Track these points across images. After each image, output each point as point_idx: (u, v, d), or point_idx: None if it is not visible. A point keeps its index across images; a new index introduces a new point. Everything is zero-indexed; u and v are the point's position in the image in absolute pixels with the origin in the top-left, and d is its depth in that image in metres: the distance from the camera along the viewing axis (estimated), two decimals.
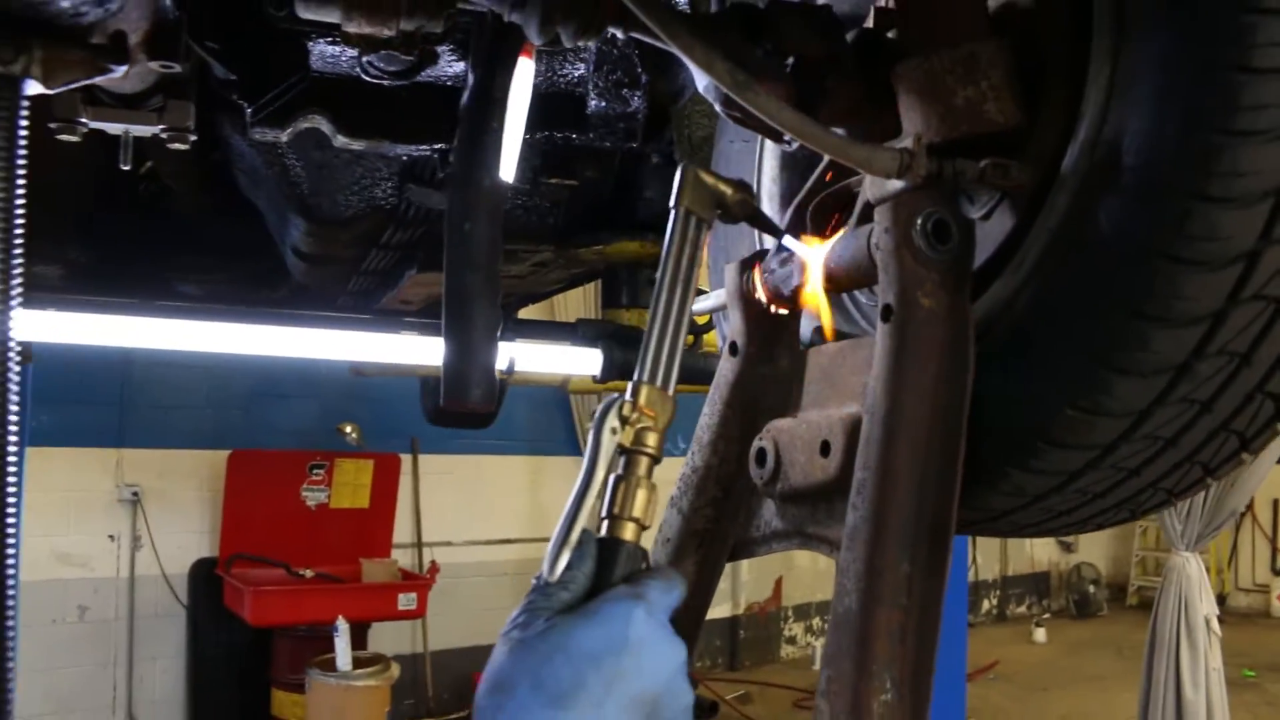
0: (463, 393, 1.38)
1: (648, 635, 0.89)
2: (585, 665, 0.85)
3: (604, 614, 0.89)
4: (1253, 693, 9.95)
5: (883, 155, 1.06)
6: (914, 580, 1.03)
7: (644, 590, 0.92)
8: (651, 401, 1.00)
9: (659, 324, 1.04)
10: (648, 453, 0.99)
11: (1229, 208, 0.90)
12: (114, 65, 1.24)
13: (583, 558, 0.94)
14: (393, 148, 1.87)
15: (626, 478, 0.98)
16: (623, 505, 0.97)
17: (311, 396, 8.34)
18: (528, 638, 0.88)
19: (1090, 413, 0.99)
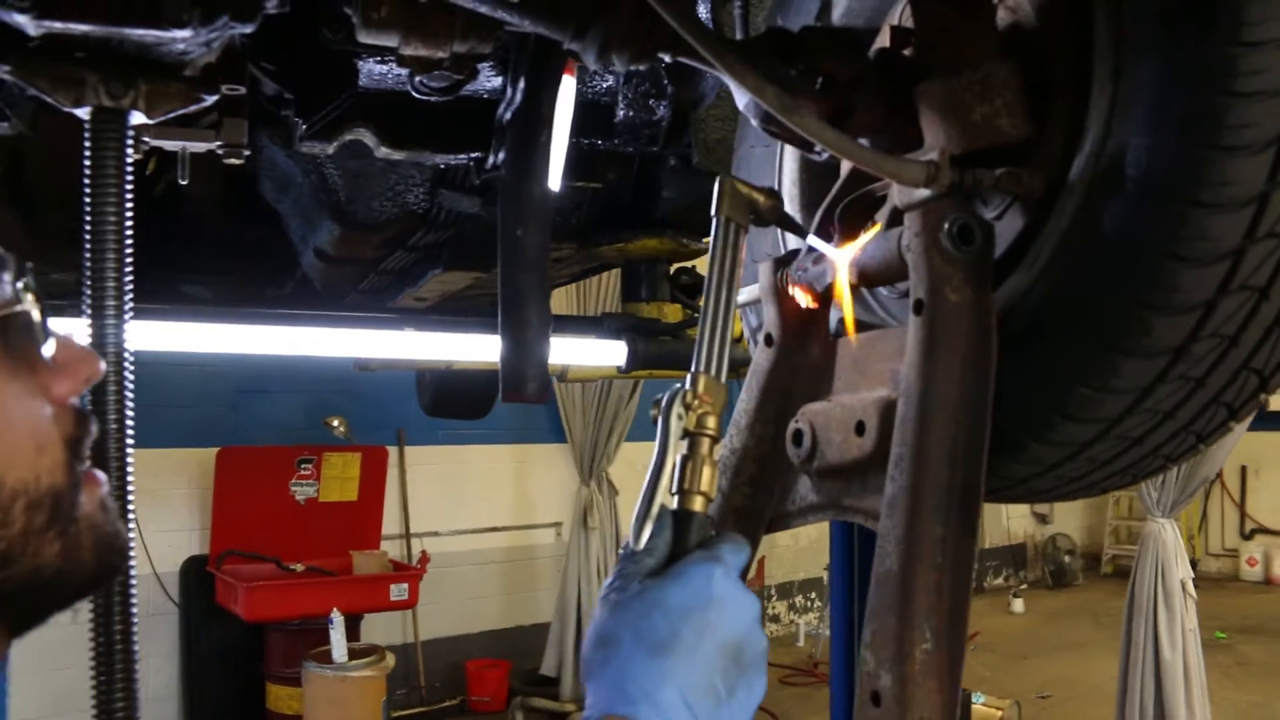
0: (520, 385, 1.51)
1: (727, 591, 1.02)
2: (679, 619, 0.98)
3: (689, 574, 1.02)
4: (1225, 653, 10.24)
5: (912, 167, 1.20)
6: (948, 542, 1.18)
7: (719, 553, 1.05)
8: (709, 389, 1.12)
9: (710, 320, 1.17)
10: (709, 434, 1.11)
11: (1218, 212, 1.05)
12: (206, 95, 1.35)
13: (662, 528, 1.07)
14: (431, 157, 1.98)
15: (692, 457, 1.10)
16: (691, 481, 1.09)
17: (298, 392, 8.38)
18: (626, 599, 1.01)
19: (1100, 390, 1.14)
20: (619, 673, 0.96)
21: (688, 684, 0.95)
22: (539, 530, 9.95)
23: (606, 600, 1.03)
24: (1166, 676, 5.76)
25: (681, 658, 0.96)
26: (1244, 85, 1.03)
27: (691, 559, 1.04)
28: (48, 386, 0.87)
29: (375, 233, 2.33)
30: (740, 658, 1.00)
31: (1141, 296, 1.09)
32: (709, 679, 0.97)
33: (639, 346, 2.77)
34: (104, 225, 1.29)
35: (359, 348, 3.11)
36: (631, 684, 0.95)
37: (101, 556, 0.89)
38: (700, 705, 0.95)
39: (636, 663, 0.96)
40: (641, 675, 0.95)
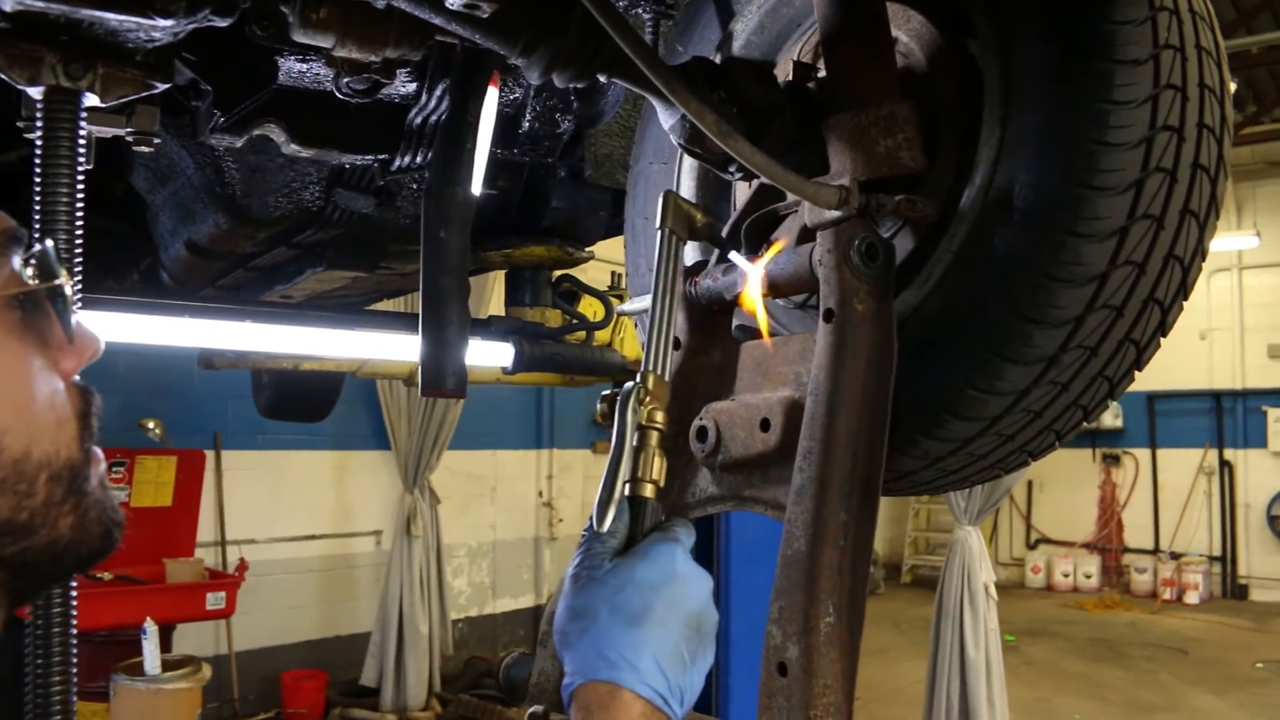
0: (440, 381, 1.58)
1: (688, 568, 1.14)
2: (651, 593, 1.09)
3: (656, 553, 1.13)
4: (1013, 655, 10.92)
5: (827, 191, 1.35)
6: (850, 526, 1.32)
7: (676, 534, 1.17)
8: (657, 386, 1.25)
9: (656, 324, 1.29)
10: (658, 428, 1.23)
11: (1090, 241, 1.23)
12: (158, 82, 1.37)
13: (621, 512, 1.18)
14: (339, 156, 2.02)
15: (644, 448, 1.21)
16: (644, 470, 1.20)
17: (111, 392, 7.97)
18: (599, 575, 1.11)
19: (985, 392, 1.31)
20: (599, 641, 1.06)
21: (661, 651, 1.06)
22: (359, 538, 9.79)
23: (578, 577, 1.12)
24: (971, 674, 6.16)
25: (655, 628, 1.07)
26: (1113, 136, 1.22)
27: (654, 540, 1.16)
28: (58, 361, 0.91)
29: (265, 228, 2.33)
30: (700, 628, 1.12)
31: (1024, 311, 1.27)
32: (677, 647, 1.08)
33: (525, 349, 2.85)
34: (55, 206, 1.30)
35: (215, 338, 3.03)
36: (612, 651, 1.05)
37: (105, 530, 0.94)
38: (672, 671, 1.06)
39: (615, 632, 1.06)
40: (621, 643, 1.05)
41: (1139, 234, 1.26)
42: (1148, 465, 15.86)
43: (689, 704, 1.09)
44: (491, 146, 2.17)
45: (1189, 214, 1.30)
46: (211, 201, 2.25)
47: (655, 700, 1.04)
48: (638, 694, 1.03)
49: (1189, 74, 1.28)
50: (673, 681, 1.06)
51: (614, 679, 1.03)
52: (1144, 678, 10.44)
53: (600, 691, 1.04)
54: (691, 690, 1.09)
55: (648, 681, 1.04)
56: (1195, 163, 1.29)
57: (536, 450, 11.37)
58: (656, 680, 1.04)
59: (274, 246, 2.56)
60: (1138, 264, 1.27)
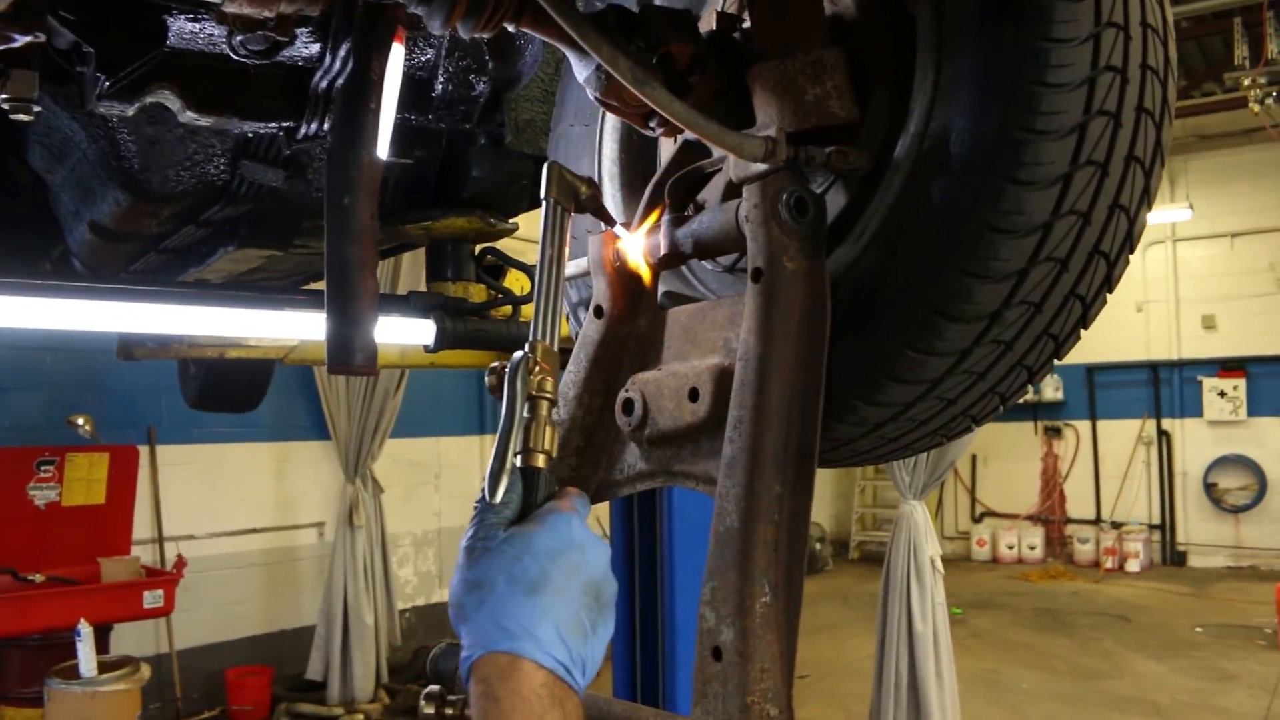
0: (348, 357, 1.47)
1: (585, 536, 1.10)
2: (549, 561, 1.05)
3: (552, 522, 1.09)
4: (960, 628, 11.00)
5: (752, 142, 1.26)
6: (785, 499, 1.24)
7: (570, 503, 1.13)
8: (546, 356, 1.19)
9: (543, 293, 1.24)
10: (548, 397, 1.17)
11: (1031, 189, 1.16)
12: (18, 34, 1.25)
13: (514, 483, 1.13)
14: (239, 124, 1.90)
15: (534, 418, 1.15)
16: (536, 440, 1.15)
17: (36, 388, 7.82)
18: (494, 545, 1.06)
19: (924, 353, 1.23)
20: (497, 612, 1.02)
21: (561, 619, 1.02)
22: (301, 530, 9.64)
23: (472, 549, 1.07)
24: (919, 647, 6.17)
25: (554, 596, 1.03)
26: (1053, 76, 1.15)
27: (549, 509, 1.11)
28: None
29: (168, 205, 2.20)
30: (600, 597, 1.08)
31: (964, 265, 1.19)
32: (577, 615, 1.04)
33: (447, 325, 2.73)
34: None
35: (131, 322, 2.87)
36: (511, 621, 1.01)
37: None
38: (572, 640, 1.02)
39: (513, 602, 1.02)
40: (520, 613, 1.01)
41: (1083, 181, 1.18)
42: (1088, 437, 16.07)
43: (591, 674, 1.06)
44: (404, 112, 2.07)
45: (1134, 160, 1.22)
46: (109, 177, 2.11)
47: (558, 670, 1.01)
48: (539, 664, 1.00)
49: (1131, 12, 1.21)
50: (574, 650, 1.03)
51: (514, 649, 1.00)
52: (1089, 645, 10.57)
53: (500, 663, 1.00)
54: (593, 661, 1.06)
55: (549, 650, 1.01)
56: (1140, 106, 1.22)
57: (480, 436, 11.25)
58: (558, 649, 1.01)
59: (181, 225, 2.42)
60: (1082, 213, 1.20)
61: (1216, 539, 15.06)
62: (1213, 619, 11.56)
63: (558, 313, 1.24)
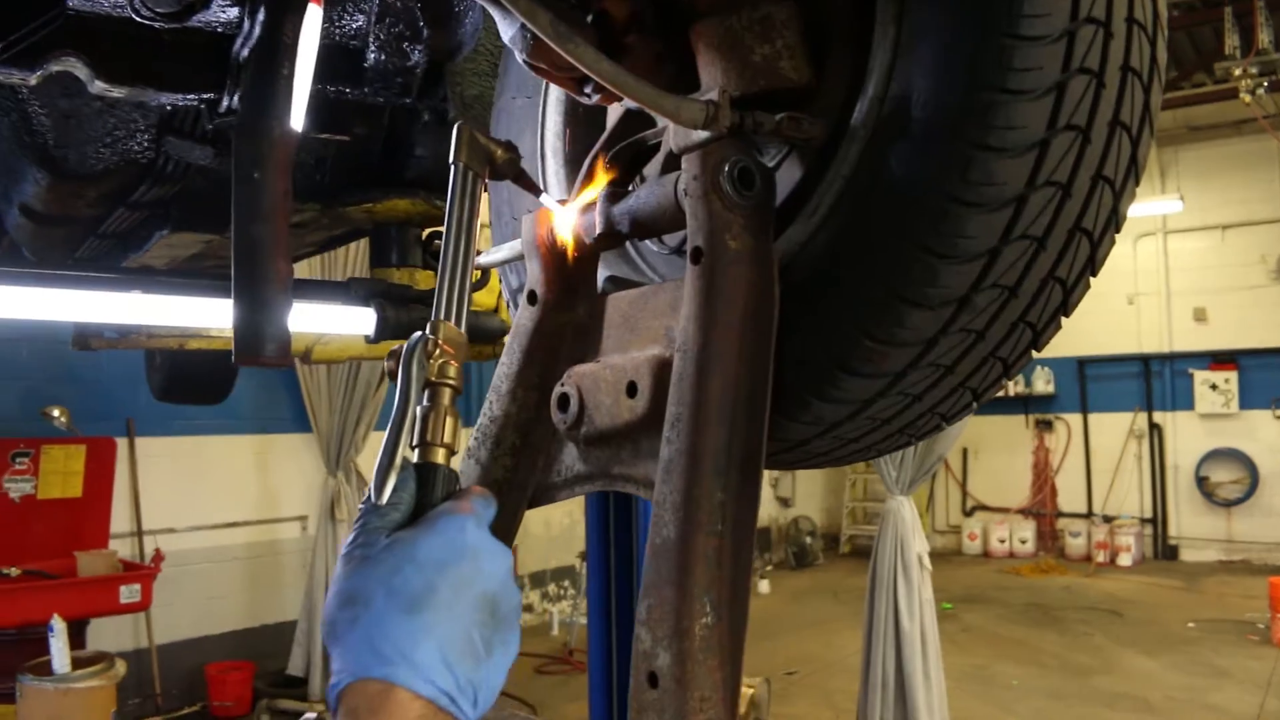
0: (257, 348, 1.33)
1: (481, 542, 0.96)
2: (434, 572, 0.91)
3: (441, 526, 0.95)
4: (950, 623, 10.92)
5: (690, 106, 1.12)
6: (728, 507, 1.10)
7: (468, 504, 0.98)
8: (449, 338, 1.06)
9: (449, 268, 1.11)
10: (450, 384, 1.05)
11: (1003, 156, 1.02)
12: None
13: (406, 481, 0.99)
14: (156, 96, 1.75)
15: (434, 408, 1.03)
16: (434, 433, 1.02)
17: (11, 379, 7.68)
18: (374, 553, 0.92)
19: (885, 343, 1.09)
20: (372, 632, 0.88)
21: (447, 640, 0.89)
22: (283, 524, 9.52)
23: (350, 556, 0.94)
24: (905, 644, 6.04)
25: (439, 612, 0.90)
26: (1028, 28, 1.01)
27: (442, 510, 0.98)
28: None
29: (90, 185, 2.05)
30: (497, 611, 0.94)
31: (928, 244, 1.05)
32: (468, 634, 0.90)
33: (389, 314, 2.58)
34: None
35: (73, 312, 2.72)
36: (386, 643, 0.87)
37: None
38: (460, 664, 0.89)
39: (391, 620, 0.88)
40: (397, 633, 0.88)
41: (1061, 148, 1.04)
42: (1079, 430, 15.97)
43: (487, 701, 0.92)
44: (338, 85, 1.92)
45: (1119, 126, 1.08)
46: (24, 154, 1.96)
47: (439, 700, 0.86)
48: (416, 693, 0.86)
49: None
50: (461, 676, 0.88)
51: (387, 676, 0.86)
52: (1080, 641, 10.47)
53: (370, 691, 0.86)
54: (489, 686, 0.92)
55: (429, 677, 0.86)
56: (1126, 64, 1.07)
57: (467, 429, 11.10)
58: (440, 675, 0.87)
59: (112, 208, 2.28)
60: (1061, 185, 1.06)
61: (1208, 533, 14.97)
62: (1205, 614, 11.46)
63: (465, 290, 1.11)
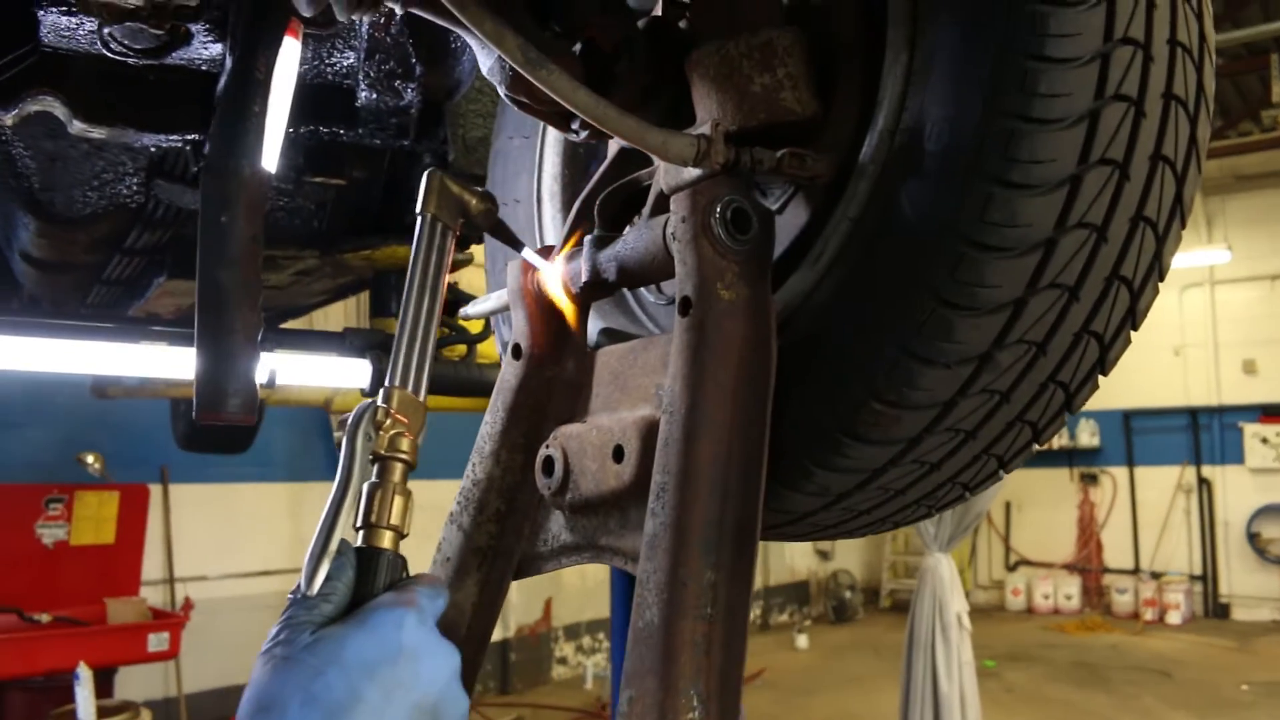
0: (219, 403, 1.24)
1: (421, 641, 0.85)
2: (360, 676, 0.80)
3: (375, 622, 0.84)
4: (993, 681, 10.62)
5: (679, 141, 1.01)
6: (719, 589, 0.98)
7: (412, 596, 0.88)
8: (404, 407, 0.98)
9: (409, 329, 1.03)
10: (402, 459, 0.96)
11: (1028, 194, 0.89)
12: None
13: (342, 568, 0.89)
14: (139, 137, 1.68)
15: (382, 484, 0.94)
16: (379, 513, 0.93)
17: (47, 424, 7.71)
18: (294, 653, 0.81)
19: (895, 406, 0.97)
20: None
21: None
22: None
23: (269, 656, 0.82)
24: (944, 708, 5.82)
25: None
26: (1055, 49, 0.89)
27: (378, 603, 0.87)
28: None
29: (80, 230, 1.98)
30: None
31: (942, 294, 0.92)
32: None
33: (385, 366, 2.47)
34: None
35: (89, 364, 2.66)
36: None
37: None
38: None
39: None
40: None
41: (1096, 185, 0.91)
42: (1125, 484, 15.62)
43: None
44: (332, 126, 1.84)
45: (1162, 161, 0.96)
46: (10, 198, 1.89)
47: None
48: None
49: None
50: None
51: None
52: (1128, 702, 10.12)
53: None
54: None
55: None
56: (1168, 92, 0.95)
57: None
58: None
59: (109, 254, 2.21)
60: (1096, 227, 0.93)
61: (1261, 590, 14.51)
62: (1259, 676, 11.05)
63: (427, 355, 1.02)
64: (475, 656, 1.34)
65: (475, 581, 1.33)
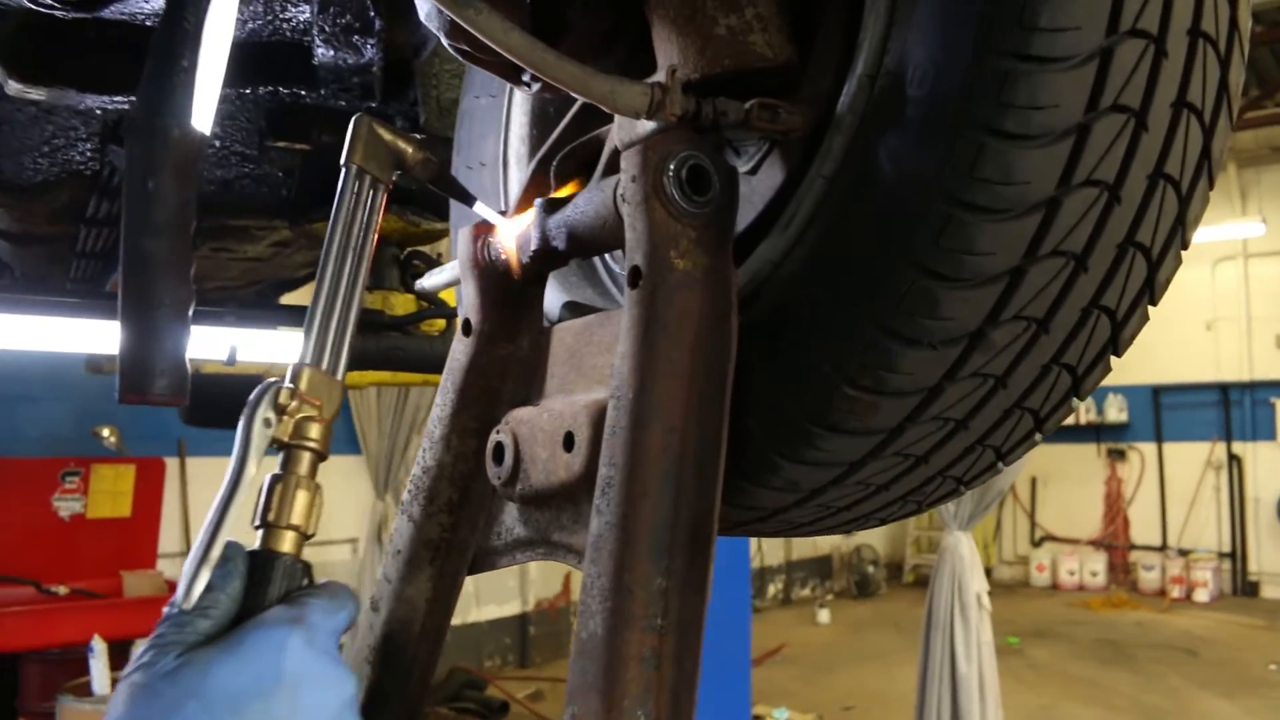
0: (144, 384, 1.13)
1: (306, 668, 0.73)
2: (225, 711, 0.68)
3: (250, 645, 0.73)
4: (1016, 658, 10.51)
5: (629, 90, 0.88)
6: (670, 596, 0.86)
7: (303, 612, 0.77)
8: (316, 388, 0.87)
9: (324, 299, 0.91)
10: (311, 447, 0.86)
11: (1027, 145, 0.76)
12: None
13: (227, 576, 0.78)
14: (81, 98, 1.56)
15: (285, 478, 0.85)
16: (279, 511, 0.83)
17: (63, 399, 7.71)
18: (152, 681, 0.70)
19: (872, 391, 0.84)
20: None
21: None
22: (334, 546, 9.47)
23: (129, 683, 0.71)
24: (961, 689, 5.71)
25: None
26: None
27: (260, 621, 0.75)
28: None
29: (36, 199, 1.88)
30: None
31: (925, 263, 0.79)
32: None
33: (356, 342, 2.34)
34: None
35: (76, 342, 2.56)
36: None
37: None
38: None
39: None
40: None
41: (1107, 136, 0.78)
42: (1154, 460, 15.41)
43: None
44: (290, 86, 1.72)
45: (1186, 108, 0.82)
46: None
47: None
48: None
49: None
50: None
51: None
52: (1152, 681, 9.98)
53: None
54: None
55: None
56: (1196, 27, 0.81)
57: None
58: None
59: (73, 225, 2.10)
60: (1107, 184, 0.80)
61: None
62: None
63: (348, 327, 0.89)
64: (430, 655, 1.24)
65: (428, 576, 1.22)
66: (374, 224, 0.94)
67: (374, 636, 1.26)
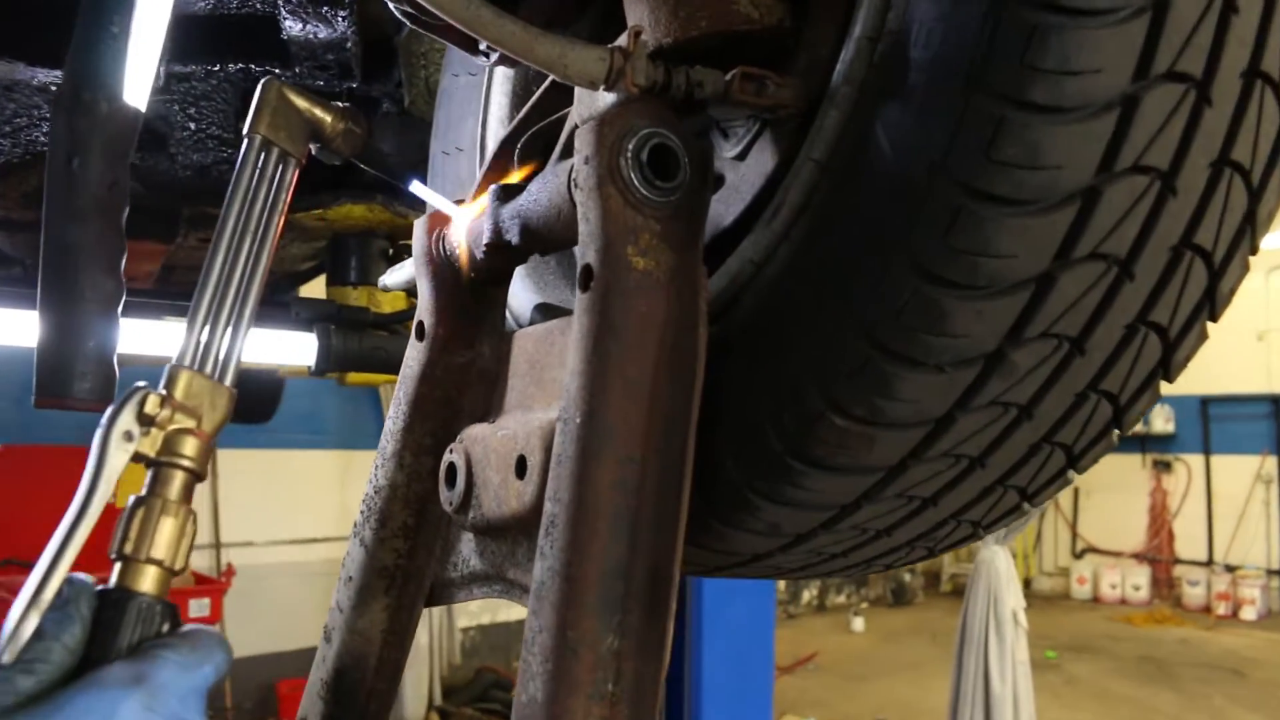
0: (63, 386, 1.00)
1: None
2: None
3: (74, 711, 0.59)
4: (1054, 673, 10.25)
5: (583, 55, 0.74)
6: (624, 659, 0.72)
7: (149, 669, 0.63)
8: (195, 394, 0.75)
9: (213, 290, 0.78)
10: (184, 466, 0.74)
11: (1058, 120, 0.61)
12: None
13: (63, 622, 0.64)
14: (30, 72, 1.45)
15: (149, 501, 0.73)
16: (139, 542, 0.71)
17: None
18: None
19: (865, 422, 0.68)
20: None
21: None
22: None
23: None
24: (996, 709, 5.52)
25: None
26: None
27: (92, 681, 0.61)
28: None
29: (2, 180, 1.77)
30: None
31: (929, 266, 0.64)
32: None
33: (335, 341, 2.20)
34: None
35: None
36: None
37: None
38: None
39: None
40: None
41: (1161, 109, 0.62)
42: (1201, 472, 15.05)
43: None
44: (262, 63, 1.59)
45: (1261, 79, 0.66)
46: None
47: None
48: None
49: None
50: None
51: None
52: (1196, 701, 9.69)
53: None
54: None
55: None
56: None
57: None
58: None
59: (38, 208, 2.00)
60: (1159, 172, 0.64)
61: None
62: None
63: (242, 323, 0.76)
64: (388, 691, 1.12)
65: (383, 606, 1.10)
66: (280, 203, 0.81)
67: (326, 670, 1.13)
